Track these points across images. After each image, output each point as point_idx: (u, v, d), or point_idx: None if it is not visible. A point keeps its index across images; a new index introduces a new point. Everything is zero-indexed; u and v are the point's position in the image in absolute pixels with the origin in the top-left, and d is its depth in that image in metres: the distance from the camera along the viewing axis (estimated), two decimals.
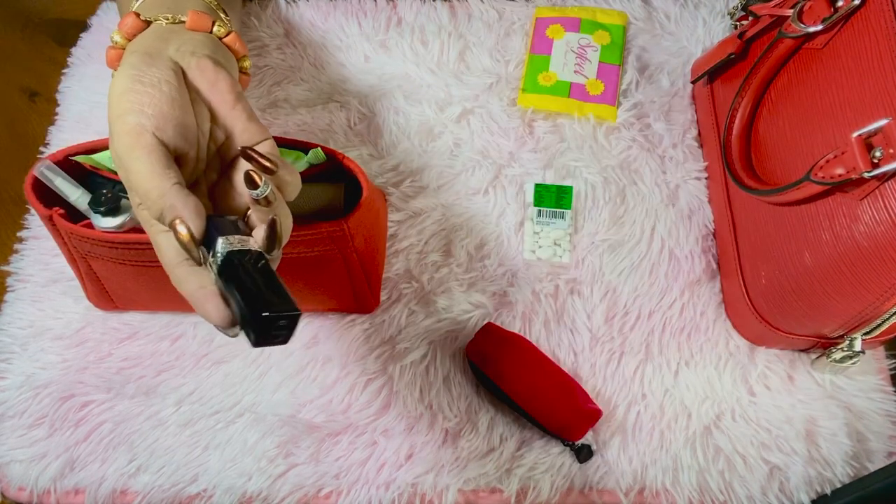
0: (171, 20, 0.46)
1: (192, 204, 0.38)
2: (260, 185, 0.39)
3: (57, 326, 0.62)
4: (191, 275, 0.39)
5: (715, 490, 0.57)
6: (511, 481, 0.57)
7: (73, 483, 0.57)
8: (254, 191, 0.39)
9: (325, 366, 0.60)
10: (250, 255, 0.38)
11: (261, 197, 0.39)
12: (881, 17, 0.48)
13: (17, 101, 1.20)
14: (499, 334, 0.59)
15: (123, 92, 0.40)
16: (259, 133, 0.43)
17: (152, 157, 0.39)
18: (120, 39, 0.46)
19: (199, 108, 0.43)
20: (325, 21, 0.74)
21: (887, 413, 0.60)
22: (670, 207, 0.66)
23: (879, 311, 0.50)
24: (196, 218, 0.38)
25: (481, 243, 0.65)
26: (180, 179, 0.39)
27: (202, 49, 0.44)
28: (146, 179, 0.38)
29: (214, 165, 0.44)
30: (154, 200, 0.38)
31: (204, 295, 0.38)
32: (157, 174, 0.38)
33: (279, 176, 0.40)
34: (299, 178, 0.43)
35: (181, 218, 0.38)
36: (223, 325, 0.38)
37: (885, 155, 0.45)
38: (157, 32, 0.45)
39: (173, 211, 0.38)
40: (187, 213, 0.38)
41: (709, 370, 0.61)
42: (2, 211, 1.12)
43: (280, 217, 0.40)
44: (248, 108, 0.44)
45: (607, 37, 0.72)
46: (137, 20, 0.45)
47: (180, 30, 0.46)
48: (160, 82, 0.41)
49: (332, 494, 0.57)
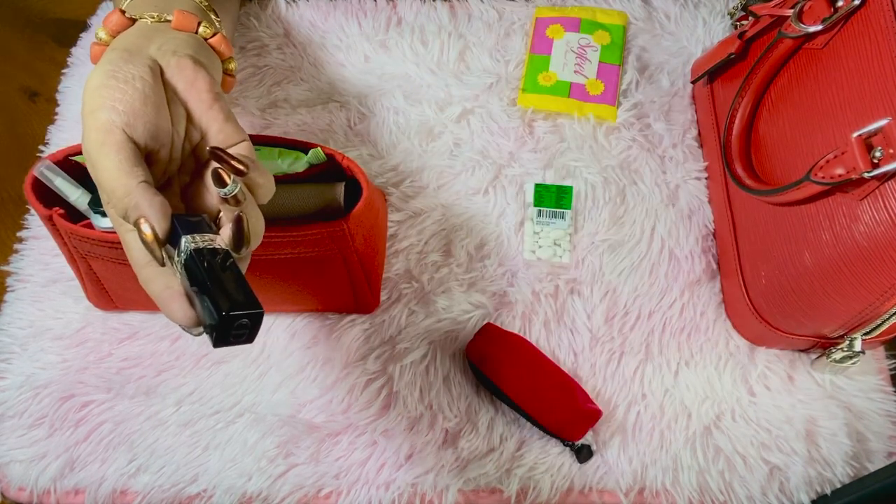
0: (157, 19, 0.46)
1: (158, 203, 0.38)
2: (228, 183, 0.38)
3: (57, 326, 0.62)
4: (158, 275, 0.38)
5: (715, 490, 0.57)
6: (511, 481, 0.57)
7: (73, 483, 0.57)
8: (221, 189, 0.39)
9: (325, 366, 0.60)
10: (216, 254, 0.38)
11: (229, 196, 0.39)
12: (881, 17, 0.48)
13: (17, 101, 1.20)
14: (498, 335, 0.59)
15: (97, 87, 0.40)
16: (235, 134, 0.43)
17: (120, 155, 0.39)
18: (104, 36, 0.46)
19: (176, 107, 0.43)
20: (325, 21, 0.74)
21: (887, 413, 0.60)
22: (670, 207, 0.66)
23: (879, 312, 0.50)
24: (161, 218, 0.38)
25: (481, 243, 0.65)
26: (148, 178, 0.39)
27: (184, 48, 0.44)
28: (113, 177, 0.38)
29: (189, 166, 0.44)
30: (119, 199, 0.38)
31: (169, 295, 0.38)
32: (124, 172, 0.38)
33: (250, 177, 0.40)
34: (272, 181, 0.42)
35: (145, 217, 0.38)
36: (187, 325, 0.38)
37: (885, 155, 0.45)
38: (142, 30, 0.45)
39: (137, 210, 0.38)
40: (152, 212, 0.38)
41: (709, 370, 0.61)
42: (2, 211, 1.12)
43: (249, 217, 0.40)
44: (226, 110, 0.44)
45: (607, 37, 0.72)
46: (122, 17, 0.45)
47: (165, 28, 0.46)
48: (134, 79, 0.40)
49: (332, 494, 0.57)
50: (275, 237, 0.50)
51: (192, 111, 0.43)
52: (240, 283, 0.38)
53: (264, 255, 0.52)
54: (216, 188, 0.39)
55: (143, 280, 0.39)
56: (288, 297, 0.59)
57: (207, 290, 0.37)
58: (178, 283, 0.38)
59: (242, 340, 0.37)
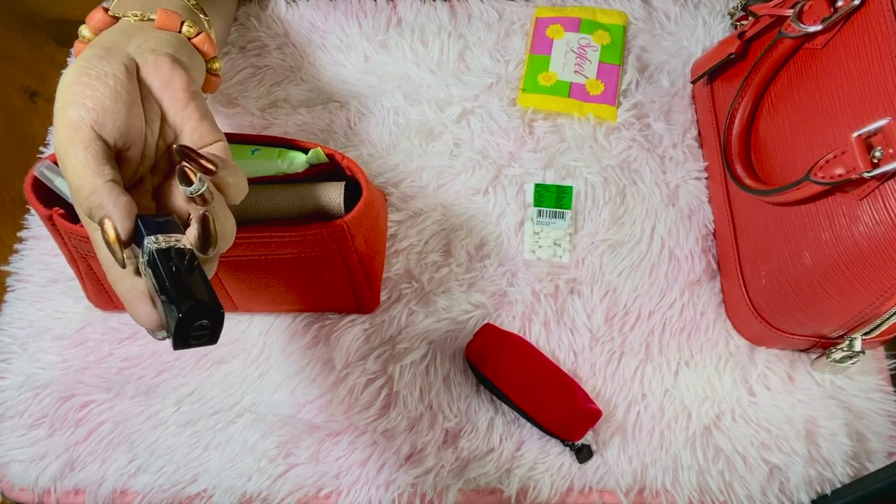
0: (140, 17, 0.46)
1: (123, 203, 0.37)
2: (194, 181, 0.38)
3: (57, 326, 0.62)
4: (124, 276, 0.38)
5: (715, 490, 0.57)
6: (511, 481, 0.57)
7: (73, 483, 0.57)
8: (187, 187, 0.38)
9: (325, 366, 0.60)
10: (182, 255, 0.37)
11: (195, 194, 0.38)
12: (881, 17, 0.48)
13: (17, 101, 1.20)
14: (497, 335, 0.59)
15: (69, 83, 0.40)
16: (210, 134, 0.42)
17: (88, 153, 0.38)
18: (87, 33, 0.45)
19: (150, 105, 0.42)
20: (325, 21, 0.74)
21: (887, 413, 0.60)
22: (670, 207, 0.66)
23: (879, 311, 0.50)
24: (124, 218, 0.37)
25: (481, 243, 0.65)
26: (115, 177, 0.38)
27: (164, 47, 0.44)
28: (79, 175, 0.38)
29: (162, 165, 0.43)
30: (84, 197, 0.37)
31: (134, 296, 0.38)
32: (90, 170, 0.38)
33: (220, 176, 0.40)
34: (245, 181, 0.42)
35: (109, 217, 0.37)
36: (150, 327, 0.38)
37: (885, 155, 0.45)
38: (123, 29, 0.45)
39: (101, 210, 0.37)
40: (116, 212, 0.37)
41: (709, 370, 0.61)
42: (2, 211, 1.12)
43: (217, 217, 0.39)
44: (203, 109, 0.43)
45: (607, 37, 0.72)
46: (105, 16, 0.45)
47: (147, 27, 0.45)
48: (107, 76, 0.40)
49: (332, 494, 0.57)
50: (275, 237, 0.50)
51: (165, 110, 0.43)
52: (202, 283, 0.37)
53: (264, 255, 0.52)
54: (182, 186, 0.38)
55: (111, 280, 0.39)
56: (288, 297, 0.59)
57: (167, 291, 0.36)
58: (142, 283, 0.37)
59: (204, 342, 0.37)
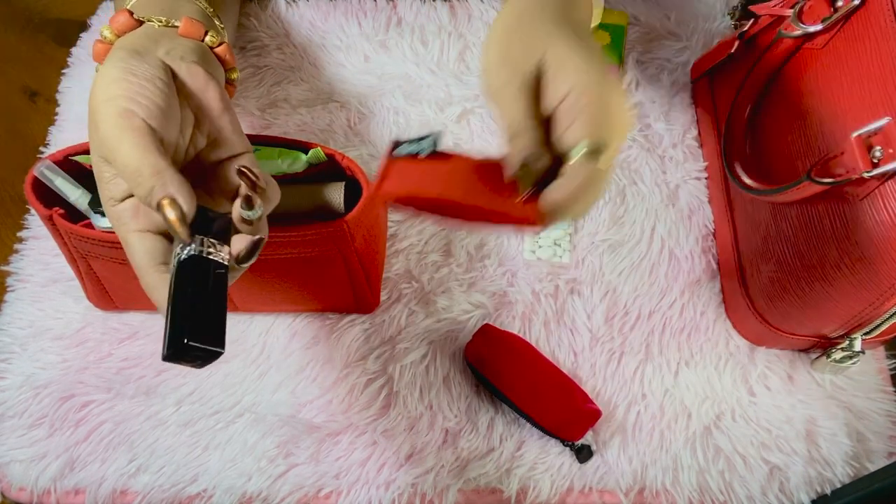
0: (164, 23, 0.46)
1: (187, 184, 0.38)
2: (256, 207, 0.39)
3: (57, 326, 0.62)
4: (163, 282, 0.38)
5: (715, 490, 0.57)
6: (511, 481, 0.57)
7: (73, 483, 0.57)
8: (248, 211, 0.39)
9: (325, 366, 0.60)
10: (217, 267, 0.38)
11: (252, 219, 0.40)
12: (881, 17, 0.48)
13: (17, 101, 1.20)
14: (496, 336, 0.59)
15: (115, 80, 0.40)
16: (241, 145, 0.43)
17: (145, 138, 0.38)
18: (109, 35, 0.45)
19: (185, 111, 0.43)
20: (325, 21, 0.74)
21: (887, 413, 0.60)
22: (670, 207, 0.66)
23: (879, 311, 0.50)
24: (189, 197, 0.37)
25: (481, 243, 0.65)
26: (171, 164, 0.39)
27: (191, 55, 0.44)
28: (139, 156, 0.37)
29: (190, 171, 0.43)
30: (147, 177, 0.37)
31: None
32: (151, 152, 0.37)
33: (266, 194, 0.41)
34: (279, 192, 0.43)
35: (172, 197, 0.37)
36: None
37: (885, 155, 0.45)
38: (148, 33, 0.45)
39: (164, 189, 0.37)
40: (183, 190, 0.37)
41: (709, 370, 0.61)
42: (2, 211, 1.12)
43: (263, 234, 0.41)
44: (235, 120, 0.44)
45: (607, 37, 0.72)
46: (130, 18, 0.45)
47: (172, 34, 0.45)
48: (153, 78, 0.40)
49: (332, 494, 0.57)
50: (275, 237, 0.50)
51: (201, 119, 0.43)
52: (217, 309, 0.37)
53: (264, 255, 0.52)
54: (242, 210, 0.39)
55: (147, 287, 0.39)
56: (288, 297, 0.59)
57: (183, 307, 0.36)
58: None
59: (194, 364, 0.37)
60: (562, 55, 0.40)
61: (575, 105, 0.39)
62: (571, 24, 0.43)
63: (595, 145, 0.38)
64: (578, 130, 0.39)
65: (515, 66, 0.41)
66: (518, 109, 0.41)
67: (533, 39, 0.42)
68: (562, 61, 0.40)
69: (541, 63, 0.41)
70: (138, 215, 0.40)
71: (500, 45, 0.43)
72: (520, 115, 0.41)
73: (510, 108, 0.41)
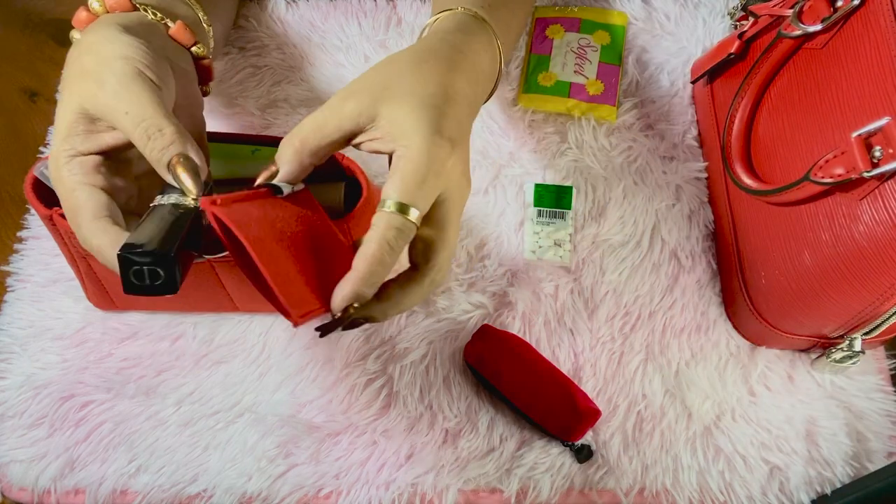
0: (158, 19, 0.46)
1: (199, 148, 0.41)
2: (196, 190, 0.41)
3: (57, 326, 0.62)
4: (103, 230, 0.40)
5: (715, 490, 0.57)
6: (511, 481, 0.57)
7: (73, 483, 0.57)
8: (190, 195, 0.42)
9: (325, 366, 0.60)
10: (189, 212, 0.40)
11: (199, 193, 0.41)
12: (881, 17, 0.48)
13: (17, 101, 1.21)
14: (495, 336, 0.59)
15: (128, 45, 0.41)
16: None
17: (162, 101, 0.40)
18: (98, 7, 0.45)
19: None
20: (325, 21, 0.74)
21: (887, 413, 0.60)
22: (670, 207, 0.66)
23: (879, 311, 0.50)
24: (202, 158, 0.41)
25: (481, 243, 0.65)
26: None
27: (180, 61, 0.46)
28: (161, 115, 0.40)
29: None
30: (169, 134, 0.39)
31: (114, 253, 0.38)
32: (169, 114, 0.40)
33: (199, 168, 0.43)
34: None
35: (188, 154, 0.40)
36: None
37: (885, 155, 0.45)
38: (142, 21, 0.45)
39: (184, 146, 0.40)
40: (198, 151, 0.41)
41: (709, 370, 0.61)
42: (2, 211, 1.12)
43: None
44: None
45: (607, 37, 0.72)
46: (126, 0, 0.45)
47: (162, 32, 0.46)
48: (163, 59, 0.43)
49: (332, 494, 0.57)
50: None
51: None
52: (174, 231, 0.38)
53: None
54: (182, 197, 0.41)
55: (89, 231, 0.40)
56: None
57: (143, 231, 0.38)
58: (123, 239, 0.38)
59: (157, 289, 0.37)
60: (399, 117, 0.42)
61: (395, 164, 0.41)
62: (442, 94, 0.43)
63: (400, 205, 0.40)
64: (389, 187, 0.41)
65: (352, 107, 0.44)
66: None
67: (385, 90, 0.43)
68: (397, 122, 0.42)
69: (374, 116, 0.43)
70: (96, 172, 0.41)
71: (364, 79, 0.45)
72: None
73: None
